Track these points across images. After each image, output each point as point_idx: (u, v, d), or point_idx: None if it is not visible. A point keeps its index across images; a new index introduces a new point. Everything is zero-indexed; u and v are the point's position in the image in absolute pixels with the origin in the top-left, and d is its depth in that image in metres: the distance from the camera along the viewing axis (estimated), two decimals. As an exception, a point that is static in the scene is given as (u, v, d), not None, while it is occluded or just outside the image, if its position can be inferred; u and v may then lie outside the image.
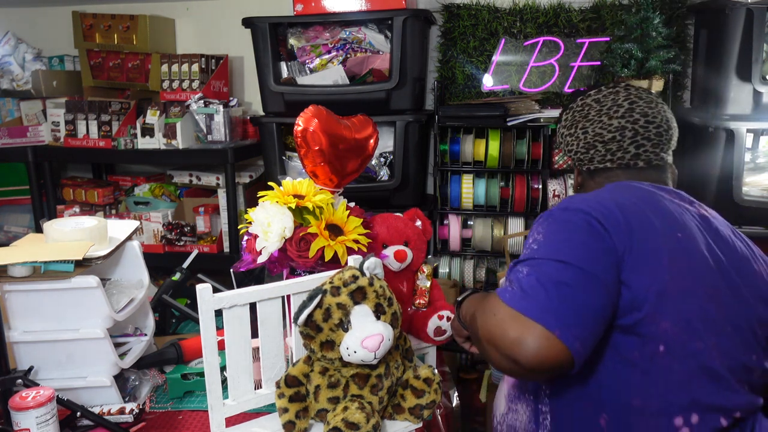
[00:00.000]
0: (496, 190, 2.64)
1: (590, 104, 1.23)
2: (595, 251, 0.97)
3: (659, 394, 0.98)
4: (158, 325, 1.64)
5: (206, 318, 1.13)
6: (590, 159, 1.21)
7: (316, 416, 1.17)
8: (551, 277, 0.95)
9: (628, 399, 0.99)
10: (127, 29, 2.80)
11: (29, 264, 1.23)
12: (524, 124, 2.52)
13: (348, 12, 2.44)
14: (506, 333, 0.93)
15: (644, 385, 0.98)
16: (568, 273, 0.95)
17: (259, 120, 2.53)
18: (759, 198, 2.28)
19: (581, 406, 1.03)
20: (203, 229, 2.73)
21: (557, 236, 1.01)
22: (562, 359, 0.91)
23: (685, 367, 0.98)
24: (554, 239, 1.00)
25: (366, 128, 1.44)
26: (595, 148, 1.20)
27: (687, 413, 0.98)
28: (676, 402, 0.98)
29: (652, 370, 0.98)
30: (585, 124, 1.21)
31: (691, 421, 0.98)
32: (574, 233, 0.99)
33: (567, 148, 1.27)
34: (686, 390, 0.98)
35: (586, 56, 2.64)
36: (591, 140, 1.20)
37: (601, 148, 1.19)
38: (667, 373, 0.98)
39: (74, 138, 2.71)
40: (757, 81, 2.21)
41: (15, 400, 1.12)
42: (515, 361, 0.91)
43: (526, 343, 0.90)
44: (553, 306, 0.92)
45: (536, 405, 1.09)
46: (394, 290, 1.32)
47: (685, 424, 0.98)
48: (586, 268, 0.95)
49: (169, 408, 1.37)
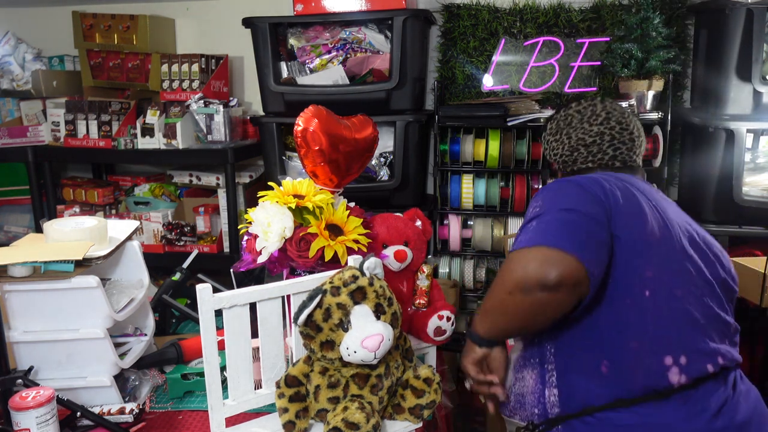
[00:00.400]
0: (496, 190, 2.64)
1: (572, 114, 1.40)
2: (591, 203, 1.13)
3: (651, 333, 1.12)
4: (158, 325, 1.64)
5: (206, 318, 1.13)
6: (574, 161, 1.38)
7: (316, 416, 1.17)
8: (558, 218, 1.10)
9: (627, 342, 1.12)
10: (127, 29, 2.80)
11: (29, 264, 1.23)
12: (524, 124, 2.52)
13: (348, 12, 2.44)
14: (528, 266, 1.06)
15: (639, 327, 1.12)
16: (572, 216, 1.10)
17: (259, 120, 2.53)
18: (759, 198, 2.28)
19: (583, 358, 1.14)
20: (203, 229, 2.73)
21: (555, 197, 1.16)
22: (581, 277, 1.05)
23: (670, 311, 1.13)
24: (553, 200, 1.16)
25: (366, 128, 1.44)
26: (578, 151, 1.37)
27: (675, 354, 1.12)
28: (665, 342, 1.12)
29: (643, 312, 1.12)
30: (569, 131, 1.39)
31: (680, 361, 1.12)
32: (570, 192, 1.16)
33: (552, 153, 1.43)
34: (673, 331, 1.13)
35: (586, 56, 2.64)
36: (575, 144, 1.37)
37: (584, 151, 1.36)
38: (655, 315, 1.12)
39: (74, 138, 2.71)
40: (757, 81, 2.21)
41: (15, 400, 1.12)
42: (543, 284, 1.04)
43: (549, 264, 1.04)
44: (564, 235, 1.07)
45: (542, 367, 1.19)
46: (394, 290, 1.32)
47: (674, 364, 1.11)
48: (587, 212, 1.11)
49: (169, 408, 1.37)
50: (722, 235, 2.35)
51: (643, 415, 1.10)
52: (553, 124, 1.44)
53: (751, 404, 1.17)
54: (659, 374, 1.12)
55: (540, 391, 1.19)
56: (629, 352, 1.12)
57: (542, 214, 1.13)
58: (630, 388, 1.11)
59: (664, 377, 1.12)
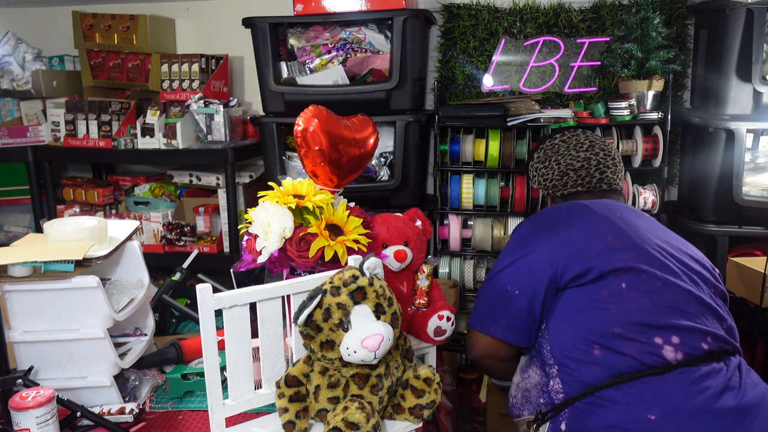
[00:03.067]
0: (496, 190, 2.64)
1: (558, 144, 1.56)
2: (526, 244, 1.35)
3: (633, 320, 1.21)
4: (158, 325, 1.64)
5: (206, 318, 1.13)
6: (564, 184, 1.51)
7: (316, 416, 1.17)
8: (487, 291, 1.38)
9: (610, 329, 1.22)
10: (127, 29, 2.80)
11: (29, 264, 1.23)
12: (524, 124, 2.52)
13: (348, 12, 2.44)
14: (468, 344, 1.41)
15: (619, 315, 1.22)
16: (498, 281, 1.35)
17: (259, 120, 2.53)
18: (759, 198, 2.28)
19: (576, 347, 1.24)
20: (203, 229, 2.73)
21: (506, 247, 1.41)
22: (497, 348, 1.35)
23: (648, 297, 1.23)
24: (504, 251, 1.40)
25: (366, 128, 1.44)
26: (568, 175, 1.50)
27: (665, 334, 1.20)
28: (650, 325, 1.21)
29: (622, 302, 1.23)
30: (558, 158, 1.53)
31: (672, 341, 1.20)
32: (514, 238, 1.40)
33: (542, 179, 1.56)
34: (657, 315, 1.22)
35: (586, 56, 2.64)
36: (564, 169, 1.51)
37: (573, 175, 1.50)
38: (633, 302, 1.23)
39: (74, 138, 2.71)
40: (757, 81, 2.21)
41: (15, 400, 1.12)
42: (474, 359, 1.41)
43: (472, 345, 1.39)
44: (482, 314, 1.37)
45: (542, 362, 1.30)
46: (394, 290, 1.32)
47: (666, 343, 1.20)
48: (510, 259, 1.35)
49: (169, 408, 1.37)
50: (722, 235, 2.34)
51: (642, 390, 1.16)
52: (541, 153, 1.58)
53: (759, 394, 1.20)
54: (652, 353, 1.19)
55: (544, 383, 1.28)
56: (615, 336, 1.21)
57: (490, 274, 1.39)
58: (627, 366, 1.19)
59: (659, 355, 1.19)
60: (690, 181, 2.59)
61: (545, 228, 1.37)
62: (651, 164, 2.54)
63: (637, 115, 2.48)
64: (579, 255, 1.29)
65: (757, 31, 2.18)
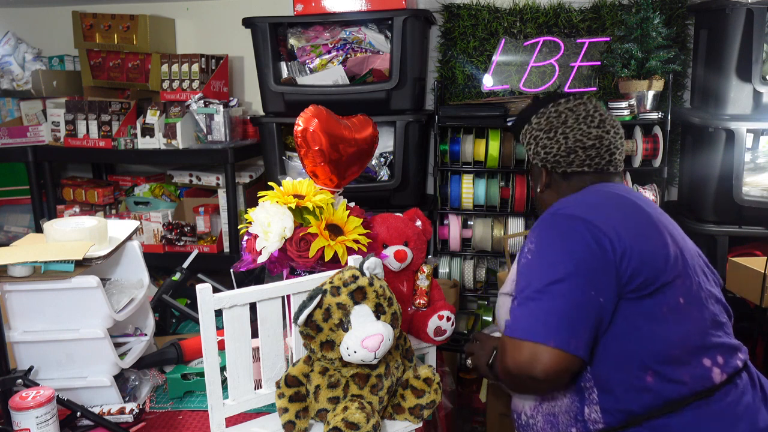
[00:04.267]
0: (496, 190, 2.64)
1: (565, 112, 1.33)
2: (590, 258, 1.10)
3: (690, 339, 1.11)
4: (158, 325, 1.64)
5: (206, 318, 1.13)
6: (569, 162, 1.31)
7: (316, 416, 1.17)
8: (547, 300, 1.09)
9: (669, 351, 1.10)
10: (127, 29, 2.80)
11: (29, 264, 1.23)
12: (524, 124, 2.51)
13: (348, 12, 2.44)
14: (519, 358, 1.07)
15: (679, 335, 1.10)
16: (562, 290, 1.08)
17: (259, 120, 2.53)
18: (759, 198, 2.28)
19: (628, 373, 1.10)
20: (203, 229, 2.73)
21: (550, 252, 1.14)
22: (570, 365, 1.06)
23: (700, 313, 1.14)
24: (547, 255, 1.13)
25: (366, 128, 1.44)
26: (576, 153, 1.30)
27: (711, 355, 1.12)
28: (701, 345, 1.12)
29: (681, 320, 1.11)
30: (565, 130, 1.31)
31: (718, 361, 1.12)
32: (568, 247, 1.12)
33: (542, 151, 1.34)
34: (706, 333, 1.13)
35: (586, 56, 2.64)
36: (572, 145, 1.30)
37: (582, 154, 1.30)
38: (691, 320, 1.12)
39: (74, 138, 2.71)
40: (757, 81, 2.21)
41: (15, 400, 1.12)
42: (531, 377, 1.06)
43: (536, 360, 1.05)
44: (551, 327, 1.06)
45: (578, 385, 1.14)
46: (394, 290, 1.32)
47: (714, 365, 1.11)
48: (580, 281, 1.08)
49: (169, 408, 1.37)
50: (722, 235, 2.34)
51: (691, 417, 1.09)
52: (542, 119, 1.34)
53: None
54: (704, 376, 1.10)
55: (578, 410, 1.14)
56: (671, 361, 1.09)
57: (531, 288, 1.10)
58: (677, 392, 1.09)
59: (708, 378, 1.10)
60: (690, 181, 2.59)
61: (597, 221, 1.13)
62: (651, 164, 2.54)
63: (637, 115, 2.47)
64: (646, 258, 1.11)
65: (757, 31, 2.18)
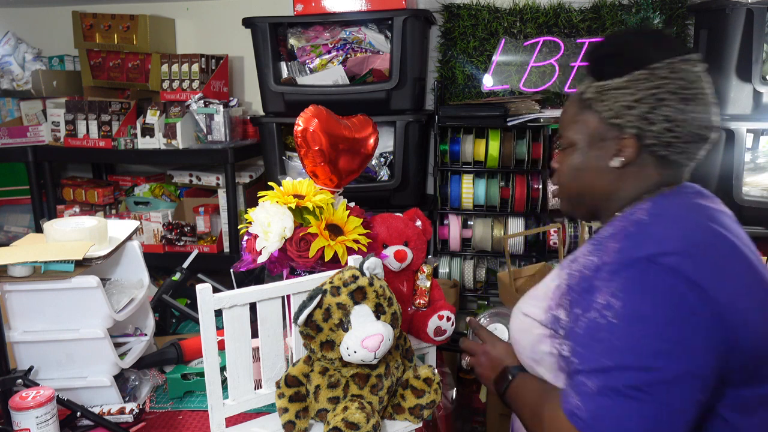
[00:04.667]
0: (496, 190, 2.64)
1: (683, 78, 0.94)
2: (690, 335, 0.82)
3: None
4: (158, 325, 1.64)
5: (206, 318, 1.13)
6: (681, 151, 0.97)
7: (316, 416, 1.17)
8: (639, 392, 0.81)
9: None
10: (127, 29, 2.80)
11: (29, 264, 1.23)
12: (524, 124, 2.51)
13: (348, 12, 2.44)
14: None
15: None
16: (658, 379, 0.81)
17: (259, 120, 2.53)
18: (759, 198, 2.28)
19: None
20: (203, 229, 2.73)
21: (651, 321, 0.82)
22: None
23: None
24: (645, 326, 0.82)
25: (366, 128, 1.44)
26: (697, 144, 0.97)
27: None
28: None
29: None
30: (684, 107, 0.94)
31: None
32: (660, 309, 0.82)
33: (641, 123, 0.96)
34: None
35: (586, 56, 2.64)
36: (696, 131, 0.95)
37: (701, 144, 0.99)
38: None
39: (74, 138, 2.71)
40: (757, 81, 2.21)
41: (15, 400, 1.12)
42: None
43: None
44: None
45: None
46: (394, 290, 1.32)
47: None
48: (692, 383, 0.82)
49: (169, 408, 1.37)
50: (722, 235, 2.34)
51: None
52: (652, 81, 0.94)
53: None
54: None
55: None
56: None
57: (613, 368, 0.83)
58: None
59: None
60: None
61: (721, 297, 0.84)
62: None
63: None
64: (760, 343, 0.86)
65: (757, 31, 2.18)
